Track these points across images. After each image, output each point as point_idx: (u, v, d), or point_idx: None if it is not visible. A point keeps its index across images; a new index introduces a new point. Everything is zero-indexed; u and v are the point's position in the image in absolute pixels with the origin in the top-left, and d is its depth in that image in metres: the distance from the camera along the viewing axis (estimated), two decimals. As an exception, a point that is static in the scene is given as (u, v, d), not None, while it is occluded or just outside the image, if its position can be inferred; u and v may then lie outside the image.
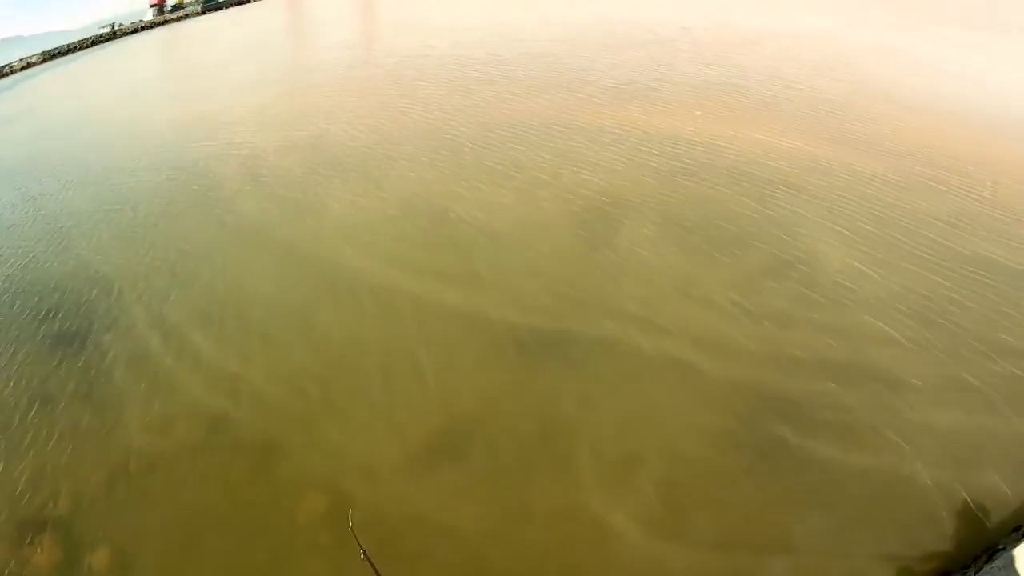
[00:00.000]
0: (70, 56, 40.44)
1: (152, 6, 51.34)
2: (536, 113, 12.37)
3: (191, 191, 10.73)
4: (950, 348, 6.21)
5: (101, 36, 45.07)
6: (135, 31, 46.50)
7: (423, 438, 5.17)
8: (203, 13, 49.84)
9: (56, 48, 41.16)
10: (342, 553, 4.57)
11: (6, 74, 36.36)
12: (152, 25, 48.01)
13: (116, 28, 46.96)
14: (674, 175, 9.67)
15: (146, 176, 11.80)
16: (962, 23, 19.56)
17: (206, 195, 10.36)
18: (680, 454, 5.05)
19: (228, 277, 7.56)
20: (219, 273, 7.62)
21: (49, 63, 39.06)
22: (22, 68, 37.87)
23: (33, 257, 9.40)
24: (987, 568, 4.07)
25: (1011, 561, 4.03)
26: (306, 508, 4.79)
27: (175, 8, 51.41)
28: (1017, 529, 4.76)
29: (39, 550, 4.68)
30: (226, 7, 51.00)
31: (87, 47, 42.64)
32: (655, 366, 5.81)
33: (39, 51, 40.40)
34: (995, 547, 4.47)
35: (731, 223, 8.19)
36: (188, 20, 48.27)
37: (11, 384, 6.48)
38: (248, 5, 50.65)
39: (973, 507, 4.76)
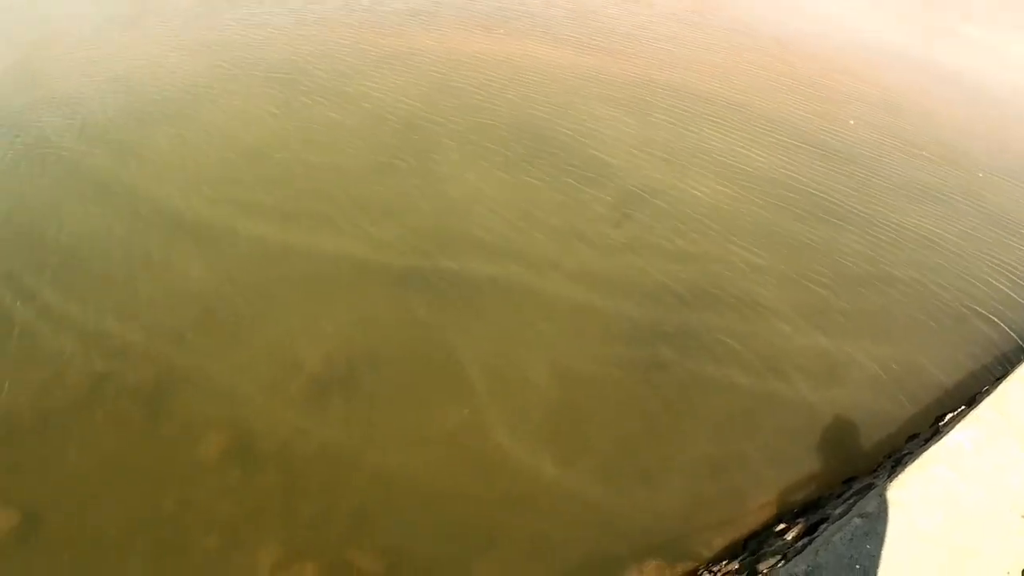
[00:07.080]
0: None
1: None
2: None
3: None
4: (803, 272, 6.39)
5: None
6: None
7: (313, 372, 4.97)
8: None
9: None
10: (251, 490, 4.45)
11: None
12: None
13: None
14: (519, 102, 8.96)
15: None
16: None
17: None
18: (569, 377, 5.05)
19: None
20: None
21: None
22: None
23: None
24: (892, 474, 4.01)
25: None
26: (208, 448, 4.60)
27: None
28: (912, 438, 4.81)
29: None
30: None
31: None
32: (533, 297, 5.71)
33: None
34: (898, 452, 4.51)
35: (568, 151, 7.86)
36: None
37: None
38: None
39: (856, 422, 5.00)
